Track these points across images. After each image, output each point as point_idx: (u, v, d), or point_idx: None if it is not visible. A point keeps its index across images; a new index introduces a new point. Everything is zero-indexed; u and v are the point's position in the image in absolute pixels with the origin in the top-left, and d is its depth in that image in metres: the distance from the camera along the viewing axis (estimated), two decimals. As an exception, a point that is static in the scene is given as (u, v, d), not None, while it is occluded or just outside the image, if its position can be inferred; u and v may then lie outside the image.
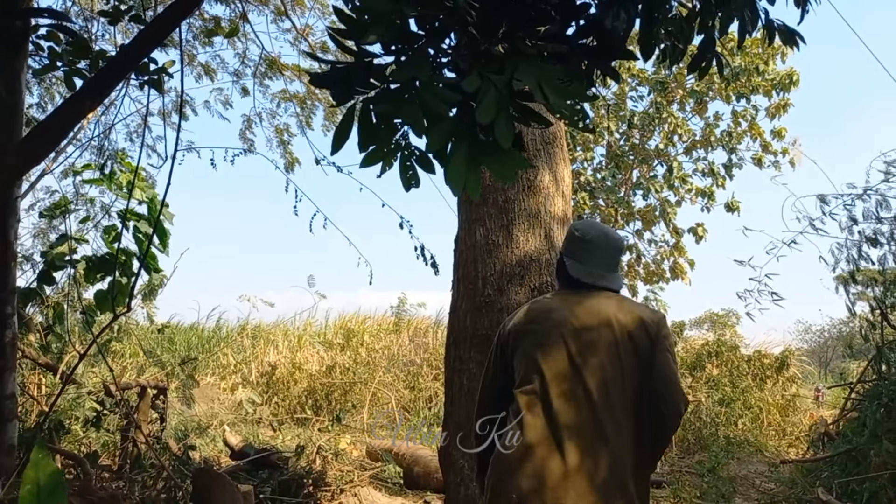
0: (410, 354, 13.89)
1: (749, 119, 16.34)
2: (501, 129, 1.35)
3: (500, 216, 3.66)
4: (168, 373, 6.86)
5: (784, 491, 7.92)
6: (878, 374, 7.96)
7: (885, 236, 6.64)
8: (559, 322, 2.18)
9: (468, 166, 1.39)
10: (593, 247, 2.29)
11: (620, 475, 2.03)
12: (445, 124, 1.40)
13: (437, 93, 1.37)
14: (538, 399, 2.11)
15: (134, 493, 4.33)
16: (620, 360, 2.11)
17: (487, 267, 3.61)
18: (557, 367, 2.12)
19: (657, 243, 17.96)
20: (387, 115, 1.39)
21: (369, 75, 1.42)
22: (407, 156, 1.41)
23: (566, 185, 3.86)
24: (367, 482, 6.08)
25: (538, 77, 1.36)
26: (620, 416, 2.08)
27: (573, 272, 2.30)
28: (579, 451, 2.01)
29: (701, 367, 13.47)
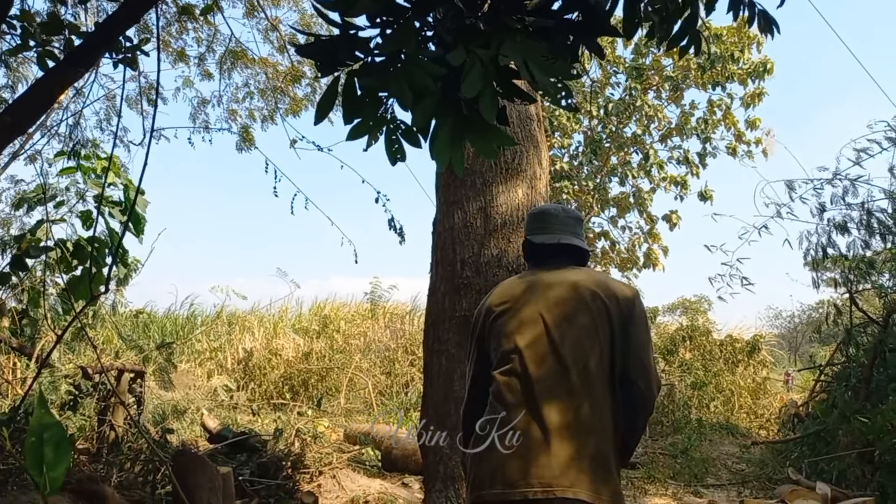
0: (386, 340, 13.91)
1: (724, 108, 16.54)
2: (486, 104, 1.37)
3: (478, 199, 3.69)
4: (145, 356, 6.82)
5: (755, 471, 8.10)
6: (846, 357, 8.15)
7: (855, 223, 6.78)
8: (533, 298, 2.20)
9: (452, 142, 1.41)
10: (551, 215, 2.37)
11: (601, 448, 2.06)
12: (430, 100, 1.42)
13: (422, 66, 1.38)
14: (517, 377, 2.11)
15: (112, 476, 4.31)
16: (596, 332, 2.12)
17: (465, 249, 3.64)
18: (534, 344, 2.13)
19: (631, 230, 18.16)
20: (372, 88, 1.40)
21: (355, 47, 1.43)
22: (392, 129, 1.43)
23: (543, 167, 3.90)
24: (345, 464, 6.11)
25: (523, 53, 1.38)
26: (598, 388, 2.09)
27: (536, 239, 2.34)
28: (560, 426, 2.03)
29: (674, 351, 13.68)
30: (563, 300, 2.17)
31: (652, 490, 7.17)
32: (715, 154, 17.01)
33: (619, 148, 17.69)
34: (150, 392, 7.45)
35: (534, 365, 2.10)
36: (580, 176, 17.56)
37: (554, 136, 17.57)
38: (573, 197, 17.60)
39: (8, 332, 5.42)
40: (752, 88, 16.08)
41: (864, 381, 7.26)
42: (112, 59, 3.96)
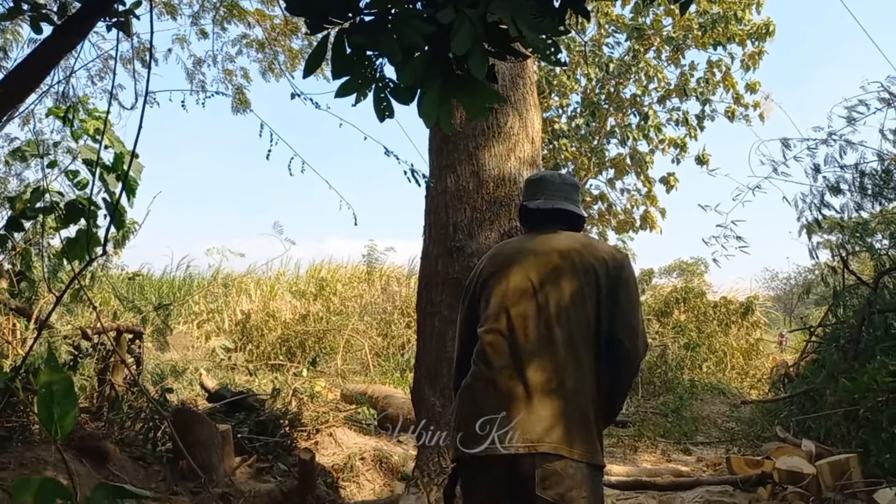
0: (383, 303, 14.01)
1: (724, 69, 16.43)
2: (476, 61, 1.39)
3: (470, 162, 3.71)
4: (143, 317, 6.88)
5: (744, 429, 8.26)
6: (836, 318, 8.25)
7: (848, 183, 6.81)
8: (522, 261, 2.24)
9: (441, 100, 1.43)
10: (547, 181, 2.42)
11: (583, 409, 2.11)
12: (420, 58, 1.43)
13: (412, 25, 1.40)
14: (502, 336, 2.16)
15: (114, 433, 4.40)
16: (583, 295, 2.16)
17: (458, 212, 3.68)
18: (521, 305, 2.18)
19: (629, 192, 18.16)
20: (361, 46, 1.42)
21: (345, 5, 1.45)
22: (381, 87, 1.45)
23: (535, 130, 3.90)
24: (342, 423, 6.22)
25: (512, 11, 1.40)
26: (583, 350, 2.14)
27: (531, 204, 2.39)
28: (543, 386, 2.08)
29: (668, 313, 13.78)
30: (551, 263, 2.21)
31: (642, 447, 7.33)
32: (713, 117, 16.97)
33: (618, 109, 17.61)
34: (149, 353, 7.54)
35: (520, 326, 2.16)
36: (578, 136, 17.51)
37: (552, 97, 17.48)
38: (570, 157, 17.58)
39: (7, 293, 5.46)
40: (752, 49, 15.98)
41: (852, 342, 7.36)
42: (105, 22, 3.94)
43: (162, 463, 4.42)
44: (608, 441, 7.65)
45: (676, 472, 5.66)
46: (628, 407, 9.73)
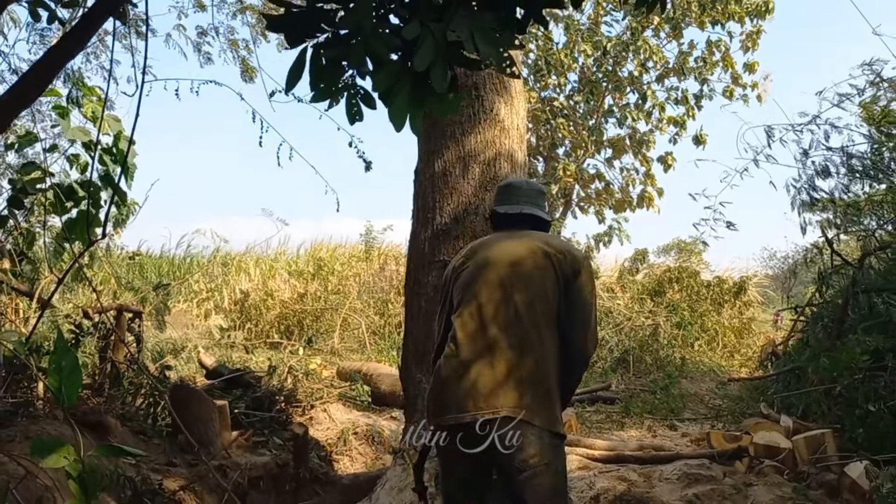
0: (380, 282, 14.17)
1: (723, 49, 16.45)
2: (437, 74, 1.54)
3: (457, 148, 3.84)
4: (143, 297, 7.05)
5: (730, 406, 8.45)
6: (822, 298, 8.42)
7: (836, 166, 6.94)
8: (491, 254, 2.46)
9: (410, 106, 1.57)
10: (515, 187, 2.66)
11: (546, 381, 2.32)
12: (391, 67, 1.58)
13: (381, 39, 1.54)
14: (472, 319, 2.36)
15: (115, 409, 4.58)
16: (545, 284, 2.37)
17: (444, 197, 3.82)
18: (489, 291, 2.37)
19: (627, 171, 18.25)
20: (335, 59, 1.56)
21: (320, 21, 1.59)
22: (353, 94, 1.59)
23: (521, 117, 4.04)
24: (336, 399, 6.42)
25: (472, 26, 1.54)
26: (545, 330, 2.34)
27: (500, 209, 2.63)
28: (510, 363, 2.28)
29: (662, 292, 13.91)
30: (517, 254, 2.42)
31: (628, 423, 7.53)
32: (711, 96, 17.03)
33: (616, 88, 17.64)
34: (148, 331, 7.72)
35: (489, 311, 2.35)
36: (576, 116, 17.56)
37: (549, 76, 17.51)
38: (568, 136, 17.66)
39: (10, 273, 5.61)
40: (750, 28, 16.01)
41: (836, 321, 7.54)
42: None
43: (161, 437, 4.61)
44: (596, 417, 7.86)
45: (657, 447, 5.86)
46: (618, 384, 9.94)
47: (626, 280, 14.33)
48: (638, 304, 13.41)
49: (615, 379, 10.50)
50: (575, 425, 6.67)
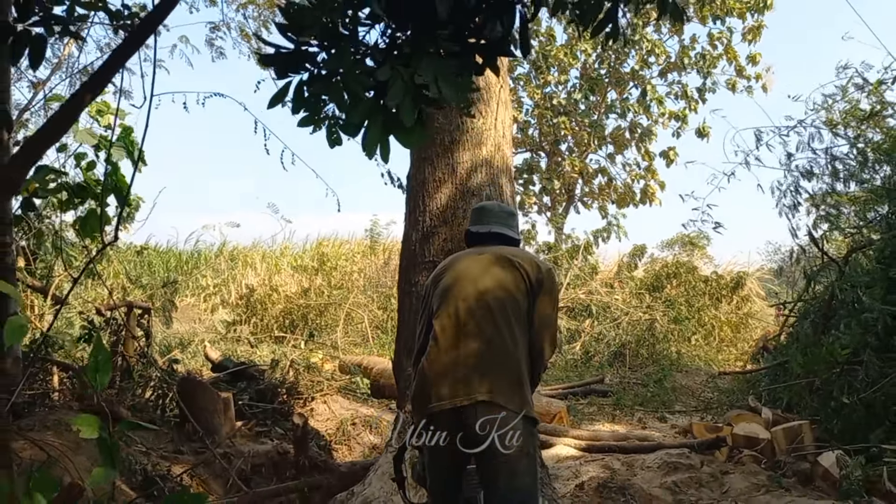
0: (384, 277, 14.40)
1: (725, 42, 16.61)
2: (406, 111, 1.79)
3: (446, 155, 4.09)
4: (151, 294, 7.33)
5: (720, 398, 8.70)
6: (809, 294, 8.65)
7: (821, 167, 7.16)
8: (465, 264, 2.75)
9: (381, 137, 1.83)
10: (487, 210, 2.96)
11: (517, 370, 2.58)
12: (365, 104, 1.83)
13: (356, 79, 1.80)
14: (449, 319, 2.62)
15: (126, 400, 4.87)
16: (516, 288, 2.64)
17: (434, 200, 4.07)
18: (466, 296, 2.63)
19: (629, 166, 18.43)
20: (317, 95, 1.83)
21: (304, 61, 1.85)
22: (332, 123, 1.86)
23: (506, 126, 4.29)
24: (336, 391, 6.69)
25: (436, 71, 1.79)
26: (515, 328, 2.60)
27: (473, 228, 2.92)
28: (484, 355, 2.53)
29: (660, 287, 14.06)
30: (489, 262, 2.71)
31: (620, 415, 7.78)
32: (714, 89, 17.17)
33: (617, 83, 17.82)
34: (156, 326, 8.01)
35: (464, 310, 2.61)
36: (577, 112, 17.75)
37: (550, 73, 17.70)
38: (570, 133, 17.86)
39: (25, 271, 5.89)
40: (752, 22, 16.17)
41: (822, 316, 7.77)
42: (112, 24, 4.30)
43: (169, 426, 4.89)
44: (588, 410, 8.11)
45: (642, 437, 6.11)
46: (613, 378, 10.18)
47: (624, 275, 14.51)
48: (636, 300, 13.60)
49: (611, 373, 10.74)
50: (565, 417, 6.93)
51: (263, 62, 1.82)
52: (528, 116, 18.10)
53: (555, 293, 2.78)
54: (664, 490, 4.83)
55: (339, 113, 1.81)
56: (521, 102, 17.84)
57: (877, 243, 7.41)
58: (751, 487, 4.76)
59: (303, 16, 1.77)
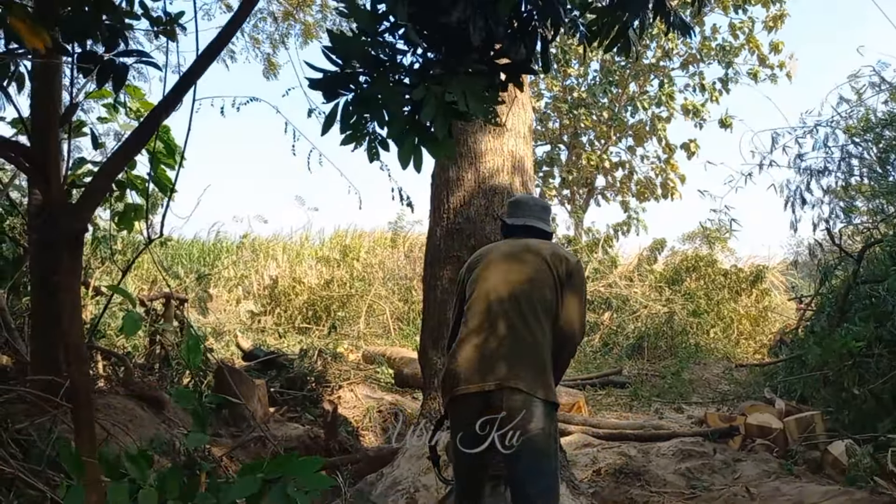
0: (405, 269, 14.59)
1: (747, 32, 16.56)
2: (439, 126, 2.01)
3: (469, 155, 4.30)
4: (185, 286, 7.63)
5: (736, 390, 8.84)
6: (827, 289, 8.76)
7: (835, 164, 7.27)
8: (498, 254, 2.93)
9: (414, 150, 2.06)
10: (522, 203, 3.12)
11: (542, 358, 2.74)
12: (402, 121, 2.06)
13: (394, 100, 2.02)
14: (479, 308, 2.79)
15: (165, 386, 5.15)
16: (544, 279, 2.80)
17: (457, 198, 4.29)
18: (495, 286, 2.81)
19: (649, 159, 18.46)
20: (360, 114, 2.05)
21: (349, 83, 2.07)
22: (372, 140, 2.08)
23: (527, 126, 4.49)
24: (362, 381, 6.95)
25: (465, 89, 2.01)
26: (542, 317, 2.77)
27: (509, 220, 3.09)
28: (511, 343, 2.71)
29: (679, 280, 14.13)
30: (518, 255, 2.89)
31: (636, 406, 7.97)
32: (737, 79, 17.11)
33: (637, 76, 17.84)
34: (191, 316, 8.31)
35: (494, 299, 2.79)
36: (597, 105, 17.81)
37: (570, 66, 17.77)
38: (590, 126, 17.94)
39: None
40: (774, 11, 16.10)
41: (837, 310, 7.89)
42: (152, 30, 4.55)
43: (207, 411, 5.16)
44: (606, 401, 8.31)
45: (658, 427, 6.31)
46: (631, 370, 10.35)
47: (644, 269, 14.62)
48: (655, 293, 13.71)
49: (629, 364, 10.92)
50: (584, 407, 7.14)
51: (313, 86, 2.05)
52: (547, 109, 18.21)
53: (582, 286, 2.93)
54: (678, 476, 5.03)
55: (380, 130, 2.03)
56: (541, 94, 17.96)
57: (892, 238, 7.53)
58: (762, 474, 4.94)
59: (348, 44, 1.99)
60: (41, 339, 3.91)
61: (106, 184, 1.83)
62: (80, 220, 1.74)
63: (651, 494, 4.55)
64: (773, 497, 4.25)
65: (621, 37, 2.79)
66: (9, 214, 6.08)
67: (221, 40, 2.09)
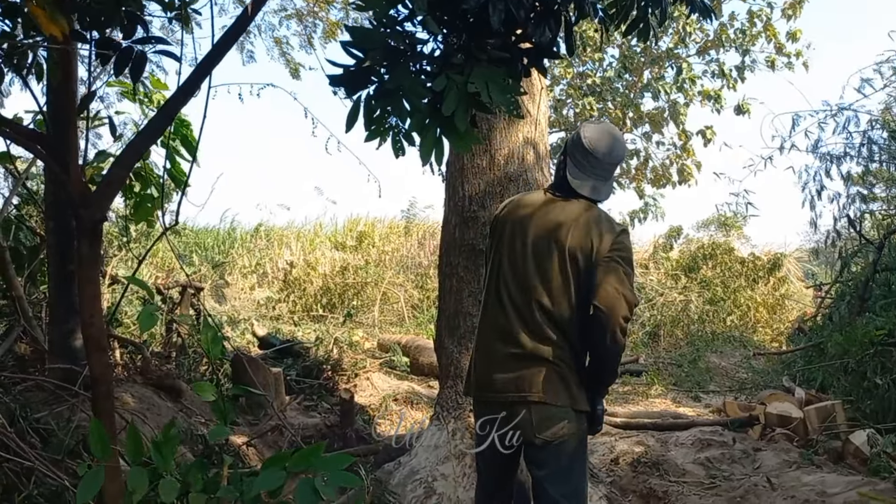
0: (419, 257, 14.58)
1: (765, 19, 16.34)
2: (460, 117, 1.97)
3: (483, 142, 4.26)
4: (202, 275, 7.65)
5: (754, 379, 8.77)
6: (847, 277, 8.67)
7: (855, 149, 7.16)
8: (530, 220, 2.56)
9: (435, 143, 2.02)
10: (594, 159, 2.52)
11: (562, 363, 2.46)
12: (420, 115, 2.02)
13: (416, 92, 1.98)
14: (497, 302, 2.56)
15: (182, 374, 5.17)
16: (576, 260, 2.46)
17: (472, 186, 4.24)
18: (516, 259, 2.54)
19: (665, 146, 18.30)
20: (382, 108, 2.02)
21: (369, 77, 2.04)
22: (396, 133, 2.04)
23: (542, 112, 4.44)
24: (378, 369, 6.96)
25: (486, 78, 1.97)
26: (566, 310, 2.46)
27: (569, 172, 2.55)
28: (531, 353, 2.46)
29: (696, 268, 14.04)
30: (553, 227, 2.51)
31: (653, 394, 7.92)
32: (753, 67, 16.91)
33: (654, 62, 17.66)
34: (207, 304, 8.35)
35: (516, 293, 2.53)
36: (613, 91, 17.65)
37: (585, 52, 17.62)
38: (605, 113, 17.79)
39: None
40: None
41: (858, 298, 7.81)
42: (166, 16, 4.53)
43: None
44: (622, 389, 8.26)
45: (675, 416, 6.27)
46: (647, 358, 10.30)
47: (659, 256, 14.53)
48: (671, 281, 13.63)
49: (645, 353, 10.86)
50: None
51: (333, 82, 2.01)
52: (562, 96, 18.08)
53: (625, 256, 2.50)
54: (697, 465, 5.00)
55: (401, 124, 1.99)
56: (557, 81, 17.83)
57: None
58: (782, 464, 4.90)
59: (367, 36, 1.95)
60: (59, 327, 3.93)
61: (124, 173, 1.81)
62: (99, 210, 1.72)
63: (670, 484, 4.52)
64: (795, 487, 4.20)
65: (640, 21, 2.74)
66: (26, 203, 6.12)
67: (242, 22, 2.05)
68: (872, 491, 3.83)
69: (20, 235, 5.66)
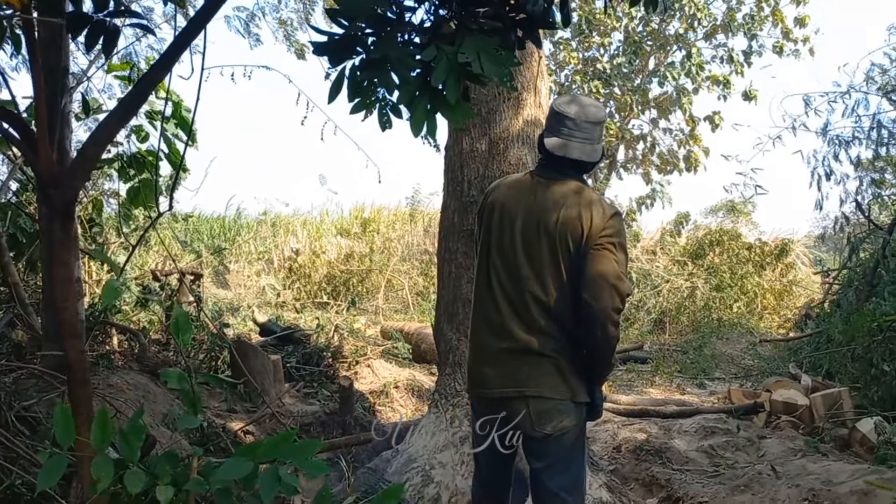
0: (424, 244, 14.53)
1: (772, 4, 16.15)
2: (451, 88, 1.88)
3: (483, 126, 4.15)
4: (202, 261, 7.60)
5: (760, 366, 8.69)
6: (855, 263, 8.55)
7: (864, 133, 7.03)
8: (517, 205, 2.46)
9: (427, 116, 1.93)
10: (570, 121, 2.40)
11: (559, 355, 2.38)
12: (412, 85, 1.93)
13: (404, 62, 1.89)
14: (491, 276, 2.47)
15: (180, 361, 5.12)
16: (553, 252, 2.37)
17: (471, 171, 4.15)
18: (505, 248, 2.44)
19: (672, 132, 18.13)
20: (368, 79, 1.93)
21: (356, 46, 1.95)
22: (383, 106, 1.95)
23: (542, 95, 4.33)
24: (379, 356, 6.90)
25: (478, 48, 1.88)
26: (560, 299, 2.36)
27: (548, 144, 2.44)
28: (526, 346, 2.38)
29: (702, 255, 13.93)
30: (541, 210, 2.41)
31: (658, 381, 7.85)
32: (761, 52, 16.73)
33: (661, 47, 17.47)
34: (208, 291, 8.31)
35: (506, 283, 2.45)
36: (620, 76, 17.47)
37: (592, 36, 17.44)
38: (613, 98, 17.61)
39: (81, 238, 6.17)
40: (800, -18, 15.66)
41: (866, 284, 7.70)
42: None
43: (223, 387, 5.13)
44: (627, 377, 8.19)
45: (679, 403, 6.19)
46: (652, 345, 10.22)
47: (666, 242, 14.42)
48: (678, 267, 13.53)
49: (650, 340, 10.78)
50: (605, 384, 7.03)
51: (317, 51, 1.92)
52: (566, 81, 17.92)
53: (614, 244, 2.35)
54: (700, 453, 4.93)
55: (389, 96, 1.91)
56: (562, 66, 17.66)
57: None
58: (787, 452, 4.82)
59: (354, 4, 1.87)
60: (52, 313, 3.87)
61: (98, 151, 1.74)
62: (71, 190, 1.64)
63: (673, 472, 4.45)
64: (800, 475, 4.12)
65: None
66: (24, 189, 6.07)
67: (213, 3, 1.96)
68: (879, 479, 3.74)
69: (19, 221, 5.61)
